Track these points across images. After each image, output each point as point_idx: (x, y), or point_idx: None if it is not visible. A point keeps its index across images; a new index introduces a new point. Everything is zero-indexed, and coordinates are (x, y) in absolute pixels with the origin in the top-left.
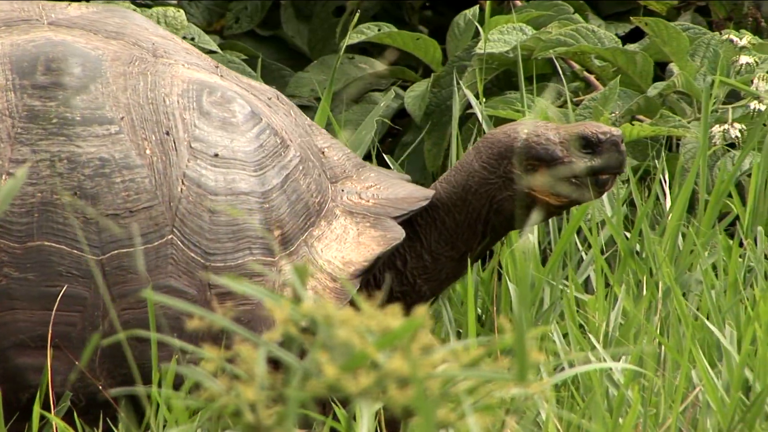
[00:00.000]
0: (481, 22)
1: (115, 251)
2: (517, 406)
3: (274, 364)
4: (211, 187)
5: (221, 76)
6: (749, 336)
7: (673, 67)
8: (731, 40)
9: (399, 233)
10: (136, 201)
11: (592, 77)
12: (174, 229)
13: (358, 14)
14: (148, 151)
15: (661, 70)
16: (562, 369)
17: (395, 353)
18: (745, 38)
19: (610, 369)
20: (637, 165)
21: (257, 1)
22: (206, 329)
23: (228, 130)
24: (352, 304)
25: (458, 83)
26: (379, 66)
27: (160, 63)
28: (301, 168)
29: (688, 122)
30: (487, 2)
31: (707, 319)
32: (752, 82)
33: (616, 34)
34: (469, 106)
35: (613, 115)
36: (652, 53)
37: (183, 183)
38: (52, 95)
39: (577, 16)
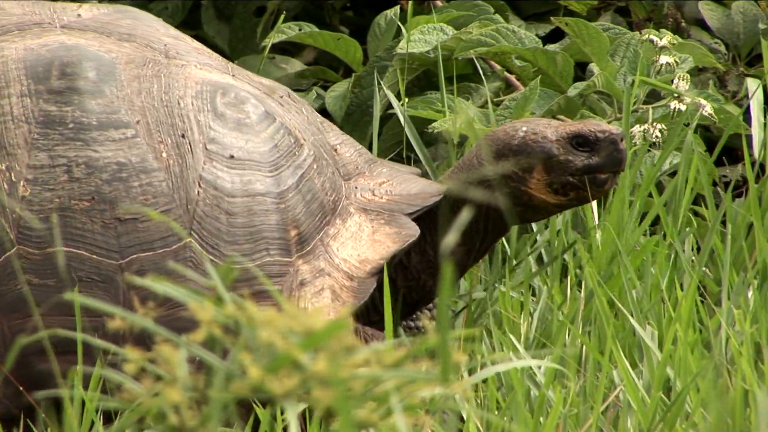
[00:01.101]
0: (403, 22)
1: (135, 255)
2: (438, 406)
3: (199, 365)
4: (228, 189)
5: (233, 75)
6: (670, 336)
7: (594, 67)
8: (651, 40)
9: (414, 230)
10: (153, 205)
11: (512, 77)
12: (192, 232)
13: (282, 15)
14: (164, 155)
15: (581, 70)
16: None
17: (318, 354)
18: (665, 38)
19: (532, 369)
20: None
21: (178, 1)
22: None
23: (243, 131)
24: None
25: (379, 83)
26: (300, 66)
27: (173, 64)
28: (315, 167)
29: (609, 122)
30: (409, 2)
31: (632, 317)
32: (672, 81)
33: (537, 35)
34: (390, 106)
35: (533, 115)
36: (572, 53)
37: (200, 185)
38: (68, 100)
39: (497, 16)
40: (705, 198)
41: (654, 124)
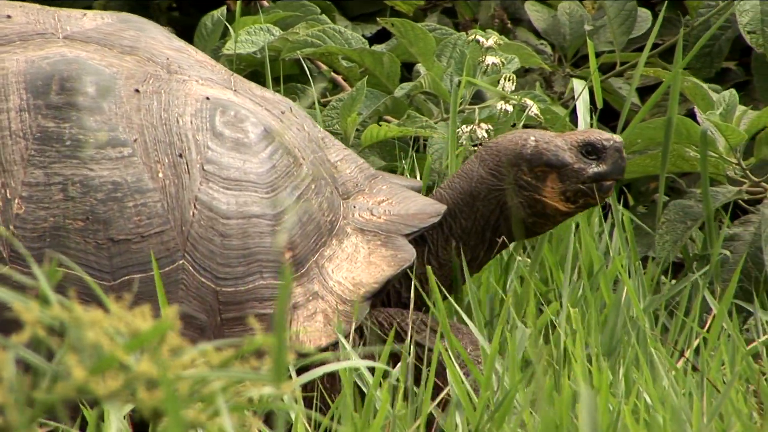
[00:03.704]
0: (230, 22)
1: (126, 277)
2: (266, 406)
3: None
4: (223, 211)
5: (235, 90)
6: (498, 334)
7: (420, 67)
8: (478, 41)
9: (410, 254)
10: (148, 226)
11: (339, 78)
12: (185, 254)
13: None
14: (160, 174)
15: (408, 70)
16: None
17: (144, 355)
18: (492, 39)
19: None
20: (384, 166)
21: None
22: None
23: (241, 151)
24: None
25: None
26: None
27: (174, 80)
28: (313, 187)
29: (436, 122)
30: (237, 3)
31: (466, 316)
32: (499, 82)
33: (364, 35)
34: None
35: (360, 116)
36: (399, 54)
37: (195, 207)
38: (66, 116)
39: (324, 17)
40: None
41: (480, 124)
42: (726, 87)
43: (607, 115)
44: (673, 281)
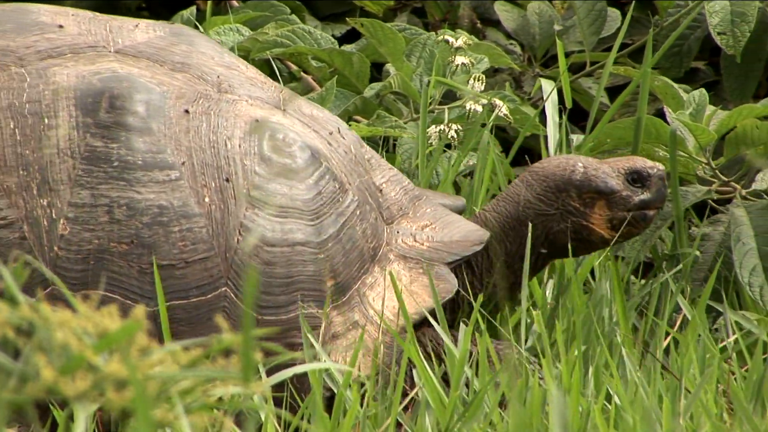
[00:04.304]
0: (200, 22)
1: (169, 303)
2: (235, 405)
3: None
4: (268, 238)
5: (284, 109)
6: (469, 334)
7: (390, 67)
8: (447, 41)
9: (452, 284)
10: (192, 252)
11: (309, 78)
12: (228, 281)
13: None
14: (207, 199)
15: (377, 71)
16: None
17: (113, 355)
18: (461, 39)
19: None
20: None
21: None
22: None
23: (288, 176)
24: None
25: None
26: None
27: (223, 100)
28: (358, 213)
29: (405, 122)
30: (207, 2)
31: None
32: (468, 82)
33: (333, 35)
34: None
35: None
36: (368, 54)
37: (240, 233)
38: (115, 136)
39: (294, 17)
40: None
41: (450, 124)
42: (695, 87)
43: (576, 115)
44: (643, 281)
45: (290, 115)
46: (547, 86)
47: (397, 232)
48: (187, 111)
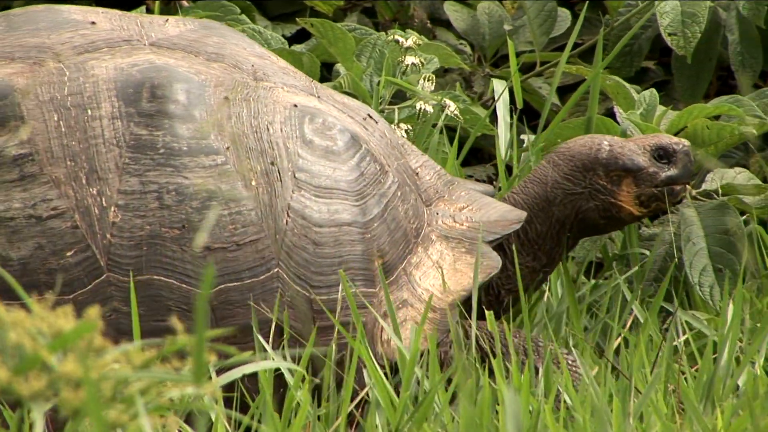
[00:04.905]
0: None
1: (223, 285)
2: (186, 406)
3: None
4: (315, 219)
5: (318, 96)
6: (419, 335)
7: (340, 67)
8: (397, 41)
9: (496, 261)
10: (242, 234)
11: None
12: (280, 263)
13: None
14: (253, 182)
15: (328, 70)
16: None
17: (68, 355)
18: (411, 39)
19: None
20: None
21: None
22: None
23: (330, 158)
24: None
25: None
26: None
27: (260, 87)
28: (399, 194)
29: None
30: (156, 2)
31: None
32: (418, 82)
33: (283, 35)
34: None
35: None
36: (318, 54)
37: (288, 215)
38: (158, 124)
39: (244, 17)
40: None
41: (400, 124)
42: (645, 86)
43: (526, 115)
44: (594, 281)
45: (325, 101)
46: (498, 86)
47: (437, 214)
48: (226, 98)
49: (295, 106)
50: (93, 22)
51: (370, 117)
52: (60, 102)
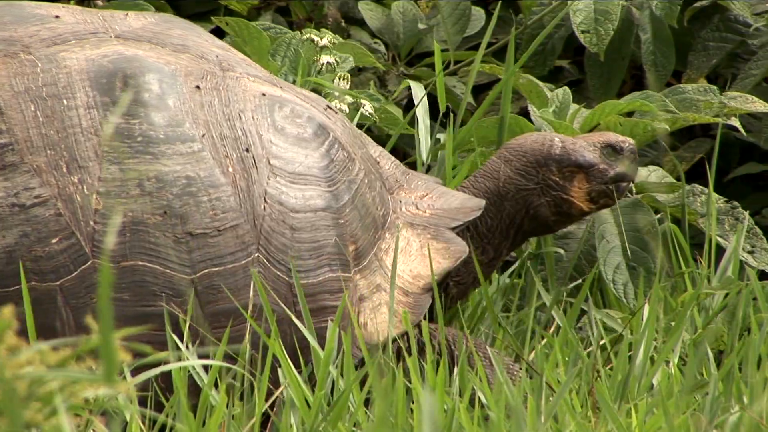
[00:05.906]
0: None
1: (206, 270)
2: (102, 405)
3: None
4: (292, 204)
5: (281, 87)
6: (334, 334)
7: None
8: (312, 40)
9: (462, 246)
10: (223, 219)
11: None
12: (260, 247)
13: None
14: (230, 169)
15: None
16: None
17: None
18: (326, 38)
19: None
20: None
21: None
22: None
23: (302, 145)
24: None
25: None
26: None
27: (228, 77)
28: (366, 181)
29: None
30: (70, 2)
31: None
32: (333, 81)
33: None
34: None
35: None
36: None
37: (265, 200)
38: (134, 112)
39: None
40: None
41: None
42: (560, 85)
43: (439, 113)
44: (508, 279)
45: (288, 91)
46: (417, 90)
47: (400, 201)
48: (198, 87)
49: (264, 95)
50: (57, 16)
51: (330, 108)
52: (36, 92)
